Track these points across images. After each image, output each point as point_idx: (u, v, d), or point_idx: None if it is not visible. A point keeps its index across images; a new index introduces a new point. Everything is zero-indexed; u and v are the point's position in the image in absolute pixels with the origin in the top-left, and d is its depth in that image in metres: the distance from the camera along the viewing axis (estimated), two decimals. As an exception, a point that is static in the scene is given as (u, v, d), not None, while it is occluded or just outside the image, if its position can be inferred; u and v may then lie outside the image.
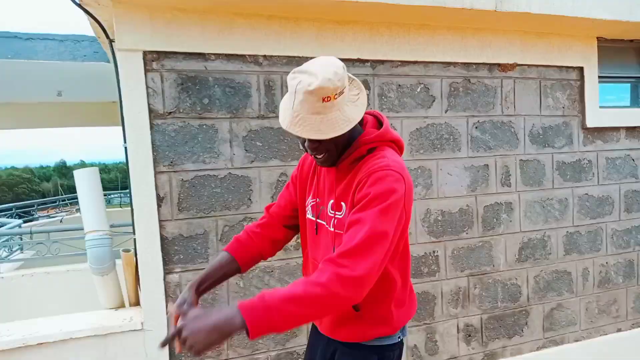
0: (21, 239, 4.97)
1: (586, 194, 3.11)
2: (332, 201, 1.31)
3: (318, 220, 1.36)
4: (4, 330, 2.19)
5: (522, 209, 2.94)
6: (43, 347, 2.13)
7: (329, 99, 1.11)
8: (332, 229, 1.30)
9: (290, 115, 1.16)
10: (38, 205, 8.03)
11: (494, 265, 2.90)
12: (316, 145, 1.21)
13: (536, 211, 2.98)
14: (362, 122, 1.32)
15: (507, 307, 2.95)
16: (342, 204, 1.28)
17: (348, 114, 1.17)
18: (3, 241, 4.65)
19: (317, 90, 1.10)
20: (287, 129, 1.17)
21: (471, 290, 2.85)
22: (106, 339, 2.21)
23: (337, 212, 1.29)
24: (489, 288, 2.90)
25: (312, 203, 1.40)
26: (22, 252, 4.91)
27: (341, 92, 1.14)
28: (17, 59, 3.59)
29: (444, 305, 2.80)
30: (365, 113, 1.33)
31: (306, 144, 1.22)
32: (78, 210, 8.80)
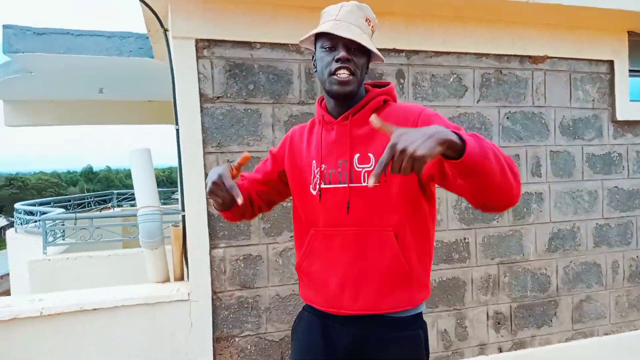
0: (63, 225, 5.28)
1: (616, 186, 3.14)
2: (358, 155, 1.25)
3: (322, 186, 1.29)
4: (62, 296, 2.38)
5: (552, 199, 2.99)
6: (98, 312, 2.29)
7: (369, 22, 1.26)
8: (365, 184, 1.23)
9: (333, 22, 1.22)
10: (74, 201, 8.39)
11: (523, 255, 2.95)
12: (350, 57, 1.21)
13: (566, 202, 3.03)
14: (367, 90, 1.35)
15: (536, 297, 2.99)
16: (370, 155, 1.23)
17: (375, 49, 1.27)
18: (49, 226, 4.93)
19: (364, 7, 1.26)
20: (329, 30, 1.20)
21: (501, 278, 2.91)
22: (154, 308, 2.36)
23: (365, 165, 1.24)
24: (519, 277, 2.95)
25: (317, 172, 1.31)
26: (63, 240, 5.19)
27: (373, 32, 1.30)
28: (68, 54, 3.85)
29: (474, 291, 2.86)
30: (376, 84, 1.38)
31: (340, 54, 1.20)
32: (113, 206, 9.14)
